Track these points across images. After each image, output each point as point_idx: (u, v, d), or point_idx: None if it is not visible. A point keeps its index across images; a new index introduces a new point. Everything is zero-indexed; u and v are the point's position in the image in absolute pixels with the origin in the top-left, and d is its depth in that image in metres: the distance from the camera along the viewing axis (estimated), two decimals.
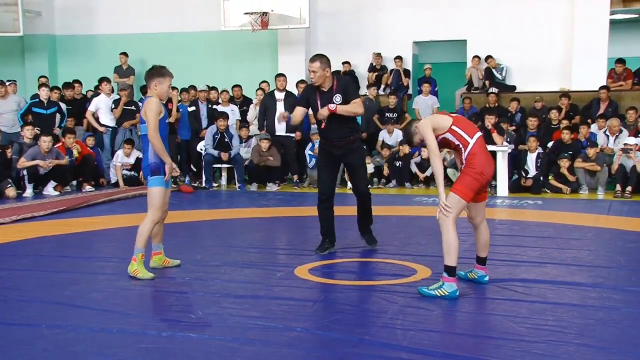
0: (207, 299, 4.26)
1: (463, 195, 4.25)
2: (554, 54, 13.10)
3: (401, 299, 4.17)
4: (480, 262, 4.61)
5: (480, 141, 4.36)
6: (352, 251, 5.74)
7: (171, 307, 4.07)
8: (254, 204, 9.15)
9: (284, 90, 11.07)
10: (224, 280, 4.73)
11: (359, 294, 4.36)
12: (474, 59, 13.29)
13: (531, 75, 13.09)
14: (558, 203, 9.05)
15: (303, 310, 3.93)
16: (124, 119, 11.58)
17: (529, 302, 4.07)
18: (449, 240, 4.21)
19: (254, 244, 6.11)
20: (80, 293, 4.36)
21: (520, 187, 10.15)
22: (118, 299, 4.21)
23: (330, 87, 5.52)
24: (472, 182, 4.26)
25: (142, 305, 4.10)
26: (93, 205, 8.82)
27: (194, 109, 11.80)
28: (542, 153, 10.30)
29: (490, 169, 4.36)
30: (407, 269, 4.99)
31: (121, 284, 4.60)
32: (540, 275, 4.76)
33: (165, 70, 4.83)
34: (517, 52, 13.21)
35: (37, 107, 11.11)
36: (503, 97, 12.68)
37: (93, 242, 6.33)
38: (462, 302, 4.07)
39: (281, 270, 4.97)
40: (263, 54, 14.69)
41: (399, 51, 13.66)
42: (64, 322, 3.72)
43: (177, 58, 14.97)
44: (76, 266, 5.21)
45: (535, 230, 6.77)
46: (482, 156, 4.30)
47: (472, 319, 3.77)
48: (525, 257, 5.38)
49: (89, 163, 10.82)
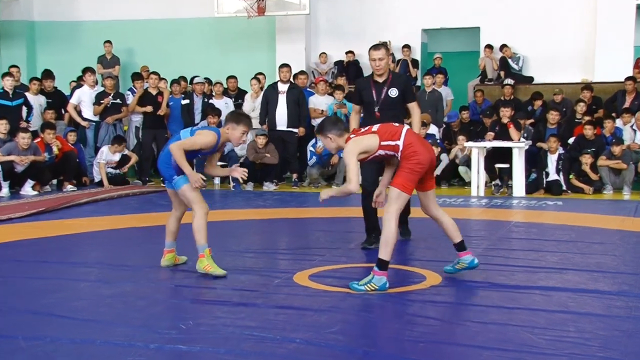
0: (199, 307, 4.24)
1: (403, 189, 4.50)
2: (575, 42, 13.09)
3: (410, 307, 4.16)
4: (460, 249, 4.85)
5: (409, 133, 4.59)
6: (356, 255, 5.74)
7: (160, 316, 4.06)
8: (249, 204, 9.15)
9: (287, 82, 11.06)
10: (217, 287, 4.72)
11: (364, 302, 4.35)
12: (487, 48, 13.28)
13: (550, 65, 13.10)
14: (580, 204, 9.04)
15: (303, 319, 3.92)
16: (107, 113, 11.56)
17: (548, 311, 4.06)
18: (389, 234, 4.44)
19: (250, 248, 6.11)
20: (60, 301, 4.35)
21: (538, 187, 10.14)
22: (102, 308, 4.20)
23: (386, 80, 6.05)
24: (411, 175, 4.50)
25: (128, 315, 4.09)
26: (75, 206, 8.81)
27: (187, 102, 11.79)
28: (563, 154, 10.28)
29: (426, 156, 4.54)
30: (415, 275, 4.98)
31: (105, 291, 4.59)
32: (561, 283, 4.74)
33: (241, 117, 5.06)
34: (535, 40, 13.21)
35: (2, 99, 10.89)
36: (519, 89, 12.68)
37: (75, 246, 6.32)
38: (475, 312, 4.06)
39: (279, 276, 4.96)
40: (260, 42, 14.71)
41: (406, 39, 13.67)
42: (42, 334, 3.71)
43: (167, 47, 15.02)
44: (56, 272, 5.20)
45: (555, 233, 6.76)
46: (416, 146, 4.52)
47: (486, 329, 3.76)
48: (544, 263, 5.37)
49: (71, 160, 10.82)
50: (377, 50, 5.98)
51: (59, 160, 10.69)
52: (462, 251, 4.85)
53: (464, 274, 4.93)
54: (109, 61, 14.38)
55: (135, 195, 10.06)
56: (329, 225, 7.35)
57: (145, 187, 10.95)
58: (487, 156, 10.17)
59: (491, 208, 8.73)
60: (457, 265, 4.87)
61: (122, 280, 4.89)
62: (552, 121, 11.02)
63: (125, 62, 14.94)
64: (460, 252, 4.85)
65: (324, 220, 7.66)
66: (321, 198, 4.75)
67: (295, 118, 10.93)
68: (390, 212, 4.48)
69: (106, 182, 10.77)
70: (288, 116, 10.89)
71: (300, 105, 11.01)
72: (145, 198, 9.90)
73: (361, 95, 6.19)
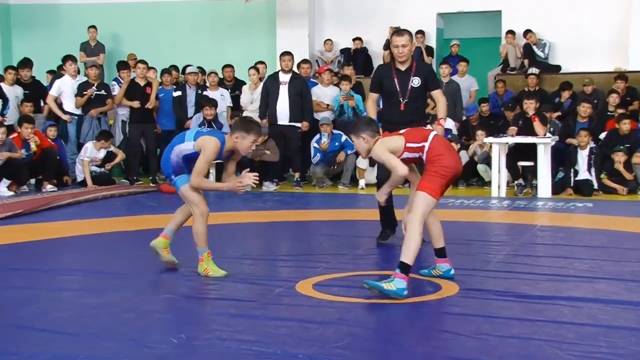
0: (192, 319, 4.25)
1: (431, 192, 4.64)
2: (607, 27, 13.06)
3: (423, 319, 4.16)
4: (440, 255, 5.08)
5: (437, 138, 4.81)
6: (365, 262, 5.74)
7: (149, 329, 4.06)
8: (248, 206, 9.16)
9: (290, 72, 11.05)
10: (212, 297, 4.73)
11: (373, 313, 4.36)
12: (509, 34, 13.25)
13: (579, 52, 13.07)
14: (612, 206, 9.03)
15: (306, 333, 3.93)
16: (91, 105, 11.58)
17: (577, 324, 4.05)
18: (413, 240, 4.57)
19: (249, 253, 6.12)
20: (39, 313, 4.36)
21: (566, 187, 10.12)
22: (85, 320, 4.21)
23: (409, 67, 6.31)
24: (438, 179, 4.66)
25: (114, 327, 4.10)
26: (55, 208, 8.83)
27: (179, 94, 11.78)
28: (595, 147, 10.25)
29: (452, 162, 4.73)
30: (430, 284, 4.98)
31: (88, 301, 4.60)
32: (591, 293, 4.74)
33: (252, 126, 5.14)
34: (563, 24, 13.19)
35: None
36: (545, 79, 12.67)
37: (55, 252, 6.33)
38: (495, 324, 4.06)
39: (280, 285, 4.97)
40: (258, 28, 14.73)
41: (420, 25, 13.65)
42: (18, 349, 3.71)
43: (157, 33, 15.02)
44: (34, 281, 5.20)
45: (585, 238, 6.75)
46: (443, 150, 4.73)
47: (506, 344, 3.75)
48: (572, 271, 5.37)
49: (50, 158, 10.84)
50: (400, 36, 6.24)
51: (37, 158, 10.71)
52: (442, 258, 5.08)
53: (483, 282, 4.94)
54: (93, 48, 14.39)
55: (122, 196, 10.09)
56: (334, 229, 7.36)
57: (133, 187, 10.98)
58: (509, 153, 10.15)
59: (513, 210, 8.72)
60: (433, 270, 5.11)
61: (108, 289, 4.89)
62: (584, 114, 10.97)
63: (111, 50, 14.97)
64: (439, 259, 5.09)
65: (328, 224, 7.67)
66: (381, 199, 5.10)
67: (298, 111, 10.92)
68: (416, 216, 4.59)
69: (90, 181, 10.79)
70: (290, 109, 10.89)
71: (304, 97, 11.00)
72: (133, 199, 9.92)
73: (382, 84, 6.41)
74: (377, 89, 6.50)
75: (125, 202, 9.68)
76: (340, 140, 11.08)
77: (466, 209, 8.75)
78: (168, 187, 10.63)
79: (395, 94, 6.30)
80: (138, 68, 11.80)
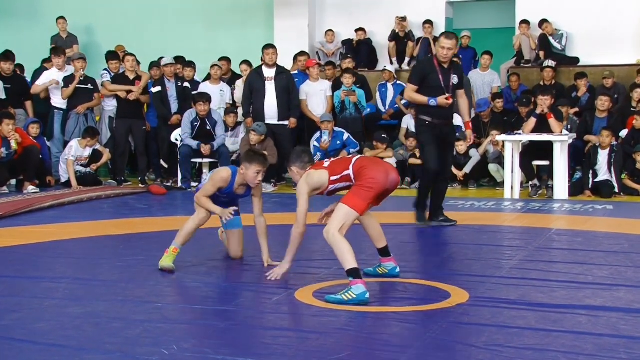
0: (184, 329, 4.26)
1: (354, 206, 4.87)
2: (629, 16, 13.07)
3: (431, 329, 4.17)
4: (383, 254, 5.36)
5: (359, 159, 5.09)
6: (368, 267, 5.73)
7: (138, 340, 4.07)
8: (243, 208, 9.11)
9: (274, 66, 11.02)
10: (205, 305, 4.74)
11: (377, 323, 4.37)
12: (524, 24, 13.26)
13: (599, 43, 13.07)
14: (633, 208, 9.03)
15: (306, 344, 3.93)
16: (77, 99, 11.58)
17: (595, 335, 4.06)
18: (341, 249, 4.75)
19: (245, 258, 6.13)
20: (21, 323, 4.36)
21: (584, 188, 10.13)
22: (70, 331, 4.22)
23: (449, 66, 7.39)
24: (364, 192, 4.91)
25: (101, 338, 4.10)
26: (37, 210, 8.84)
27: (159, 90, 11.72)
28: (615, 146, 10.25)
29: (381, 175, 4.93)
30: (438, 292, 4.98)
31: (74, 310, 4.61)
32: (611, 301, 4.75)
33: (255, 157, 5.66)
34: (581, 14, 13.19)
35: None
36: (562, 72, 12.68)
37: (37, 257, 6.34)
38: (508, 334, 4.07)
39: (278, 292, 4.98)
40: (254, 18, 14.73)
41: (428, 14, 13.67)
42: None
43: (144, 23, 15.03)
44: (14, 289, 5.21)
45: (604, 243, 6.76)
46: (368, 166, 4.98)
47: (522, 356, 3.76)
48: (590, 278, 5.37)
49: (32, 156, 10.84)
50: (449, 39, 7.30)
51: (18, 157, 10.71)
52: (386, 257, 5.36)
53: (495, 289, 4.95)
54: (65, 40, 14.36)
55: (109, 198, 10.09)
56: None
57: (121, 188, 10.99)
58: (522, 152, 10.16)
59: (528, 213, 8.72)
60: (379, 269, 5.38)
61: (94, 298, 4.90)
62: (602, 108, 10.97)
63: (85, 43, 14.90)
64: (384, 258, 5.36)
65: None
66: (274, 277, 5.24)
67: (286, 109, 10.94)
68: (331, 230, 4.83)
69: (74, 182, 10.80)
70: (278, 107, 10.88)
71: (291, 92, 11.01)
72: (121, 201, 9.93)
73: (425, 78, 7.34)
74: (417, 81, 7.40)
75: (112, 204, 9.69)
76: (342, 139, 11.09)
77: (477, 211, 8.75)
78: (158, 188, 10.68)
79: (440, 90, 7.29)
80: (127, 61, 11.80)
